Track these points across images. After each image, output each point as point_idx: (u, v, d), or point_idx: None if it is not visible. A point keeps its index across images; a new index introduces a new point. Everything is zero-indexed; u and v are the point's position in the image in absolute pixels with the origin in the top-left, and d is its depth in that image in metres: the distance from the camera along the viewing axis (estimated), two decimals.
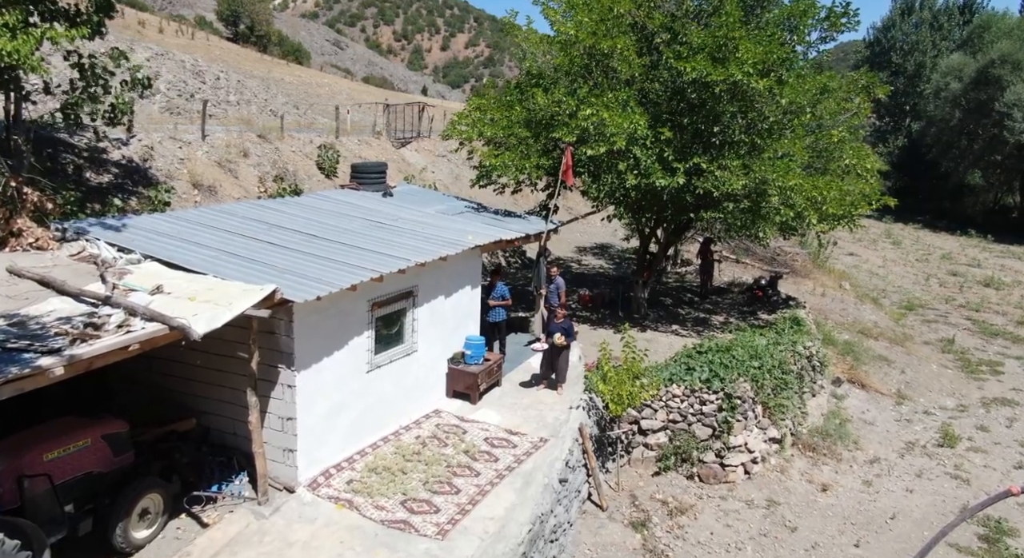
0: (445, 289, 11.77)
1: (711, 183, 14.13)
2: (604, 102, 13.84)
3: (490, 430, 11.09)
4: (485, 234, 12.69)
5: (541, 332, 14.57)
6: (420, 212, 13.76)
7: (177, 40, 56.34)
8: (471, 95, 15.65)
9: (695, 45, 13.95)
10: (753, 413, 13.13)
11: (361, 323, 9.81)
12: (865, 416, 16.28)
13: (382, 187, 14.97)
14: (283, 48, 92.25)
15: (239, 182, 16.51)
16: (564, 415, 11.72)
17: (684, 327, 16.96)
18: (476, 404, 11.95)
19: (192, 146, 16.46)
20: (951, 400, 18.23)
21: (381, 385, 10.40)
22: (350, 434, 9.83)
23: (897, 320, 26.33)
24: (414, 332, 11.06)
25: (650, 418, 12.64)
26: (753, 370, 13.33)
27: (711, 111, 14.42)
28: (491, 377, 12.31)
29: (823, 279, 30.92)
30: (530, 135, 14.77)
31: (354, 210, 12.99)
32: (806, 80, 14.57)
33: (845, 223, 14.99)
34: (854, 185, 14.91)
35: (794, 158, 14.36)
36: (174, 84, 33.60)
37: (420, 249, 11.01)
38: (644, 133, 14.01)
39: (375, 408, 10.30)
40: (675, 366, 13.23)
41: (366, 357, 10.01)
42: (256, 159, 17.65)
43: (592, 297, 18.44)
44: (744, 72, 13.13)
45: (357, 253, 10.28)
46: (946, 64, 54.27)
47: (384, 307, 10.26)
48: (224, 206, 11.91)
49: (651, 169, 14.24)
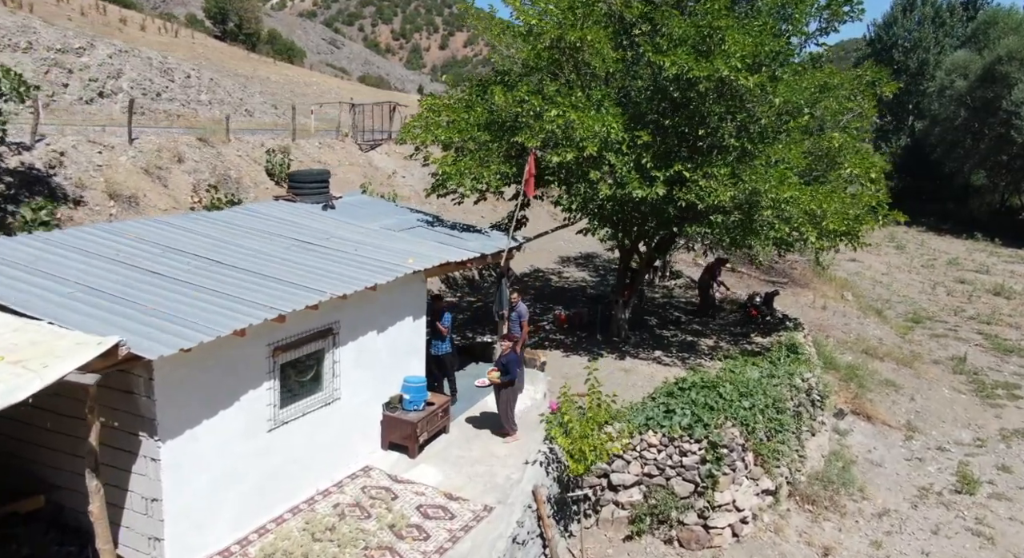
0: (378, 323, 9.96)
1: (694, 194, 12.32)
2: (572, 102, 12.03)
3: (426, 494, 9.28)
4: (431, 256, 10.88)
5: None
6: (361, 228, 11.95)
7: (158, 38, 54.57)
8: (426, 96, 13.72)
9: (676, 37, 12.13)
10: (743, 462, 11.32)
11: (258, 373, 8.00)
12: (872, 455, 14.47)
13: (323, 198, 13.16)
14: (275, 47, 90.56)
15: (168, 191, 14.70)
16: (518, 472, 9.92)
17: (668, 353, 15.15)
18: (415, 458, 10.15)
19: (115, 150, 14.65)
20: (967, 433, 16.42)
21: (290, 444, 8.60)
22: (245, 509, 8.03)
23: (903, 335, 24.53)
24: (335, 377, 9.25)
25: (622, 471, 10.83)
26: (743, 412, 11.51)
27: (696, 112, 12.61)
28: (435, 424, 10.50)
29: (824, 289, 29.14)
30: (490, 139, 12.96)
31: (280, 227, 11.18)
32: (804, 77, 12.75)
33: (848, 241, 13.17)
34: (859, 197, 13.06)
35: (790, 166, 12.55)
36: (138, 82, 31.78)
37: (344, 277, 9.21)
38: (620, 137, 12.22)
39: (281, 473, 8.50)
40: (652, 407, 11.41)
41: (267, 413, 8.20)
42: (193, 165, 15.84)
43: (569, 317, 16.63)
44: (731, 67, 11.32)
45: (261, 285, 8.47)
46: (950, 61, 52.45)
47: (292, 351, 8.45)
48: (117, 224, 10.10)
49: (627, 178, 12.44)
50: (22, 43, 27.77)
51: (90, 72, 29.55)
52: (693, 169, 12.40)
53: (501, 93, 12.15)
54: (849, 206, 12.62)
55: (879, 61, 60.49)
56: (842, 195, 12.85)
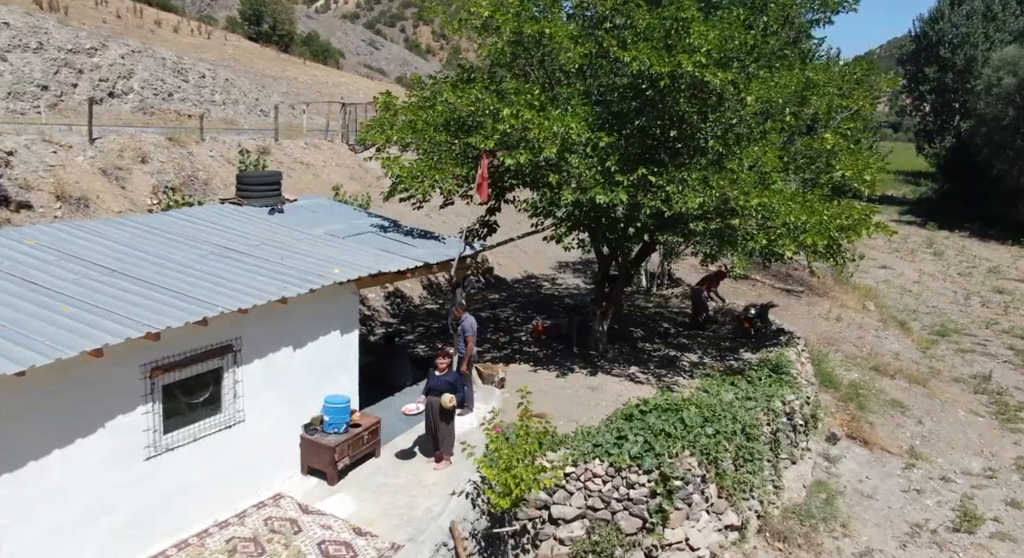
0: (294, 338, 9.25)
1: (659, 200, 11.34)
2: (527, 100, 11.15)
3: (333, 528, 8.53)
4: (363, 266, 10.13)
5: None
6: (301, 235, 11.28)
7: (190, 39, 55.20)
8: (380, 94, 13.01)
9: (640, 30, 11.15)
10: (702, 496, 10.30)
11: (131, 396, 7.34)
12: (863, 486, 13.25)
13: (273, 201, 12.54)
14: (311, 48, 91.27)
15: (126, 193, 14.26)
16: (442, 504, 9.11)
17: (645, 369, 14.14)
18: (334, 485, 9.42)
19: (73, 150, 14.26)
20: (978, 461, 15.03)
21: (178, 472, 7.93)
22: (116, 545, 7.37)
23: (925, 349, 22.95)
24: (237, 397, 8.56)
25: (563, 503, 9.91)
26: (704, 439, 10.50)
27: (665, 112, 11.62)
28: (359, 448, 9.74)
29: (844, 298, 27.59)
30: (446, 139, 12.15)
31: (209, 233, 10.56)
32: (782, 73, 11.63)
33: (829, 257, 12.00)
34: (844, 208, 11.87)
35: (767, 169, 11.46)
36: (149, 82, 31.84)
37: (251, 289, 8.52)
38: (584, 138, 11.29)
39: (167, 504, 7.84)
40: (604, 433, 10.47)
41: (145, 439, 7.55)
42: (158, 165, 15.39)
43: (547, 328, 15.72)
44: (695, 62, 10.29)
45: (146, 297, 7.82)
46: (999, 58, 49.70)
47: (176, 371, 7.78)
48: (22, 229, 9.60)
49: (589, 182, 11.51)
50: (32, 44, 27.86)
51: (101, 72, 29.62)
52: (660, 173, 11.41)
53: (451, 91, 11.33)
54: (834, 217, 11.45)
55: (925, 58, 58.10)
56: (826, 205, 11.68)
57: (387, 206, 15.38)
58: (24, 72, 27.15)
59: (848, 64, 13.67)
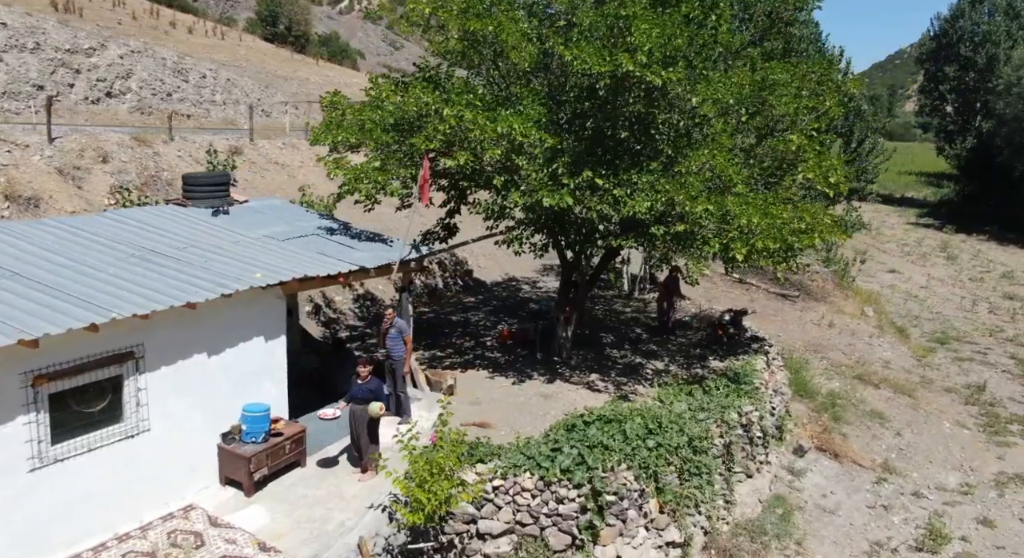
0: (208, 345, 8.99)
1: (607, 204, 10.93)
2: (466, 100, 10.80)
3: (237, 542, 8.26)
4: (292, 270, 9.85)
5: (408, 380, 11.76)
6: (236, 237, 11.04)
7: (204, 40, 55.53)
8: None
9: (584, 27, 10.75)
10: (639, 511, 9.87)
11: (8, 406, 7.10)
12: (826, 501, 12.71)
13: (218, 203, 12.32)
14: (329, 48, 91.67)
15: (82, 193, 14.14)
16: (356, 518, 8.80)
17: (606, 377, 13.73)
18: (251, 496, 9.15)
19: (29, 150, 14.18)
20: (955, 476, 14.39)
21: (70, 484, 7.70)
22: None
23: (921, 357, 22.21)
24: (141, 406, 8.31)
25: (490, 517, 9.54)
26: (645, 452, 10.07)
27: (614, 113, 11.20)
28: (280, 458, 9.47)
29: (842, 304, 26.90)
30: (392, 140, 11.84)
31: (135, 235, 10.35)
32: (736, 73, 11.16)
33: (781, 262, 11.48)
34: (800, 211, 11.37)
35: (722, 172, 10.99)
36: (148, 83, 31.94)
37: (159, 294, 8.27)
38: (533, 139, 10.90)
39: (56, 516, 7.59)
40: (539, 444, 10.09)
41: (28, 450, 7.31)
42: (119, 165, 15.28)
43: (513, 333, 15.36)
44: (636, 62, 9.87)
45: (40, 303, 7.60)
46: (1020, 56, 48.35)
47: (66, 379, 7.54)
48: None
49: (535, 185, 11.14)
50: (29, 44, 28.02)
51: (99, 72, 29.74)
52: (607, 176, 11.00)
53: (388, 89, 11.02)
54: (788, 221, 10.96)
55: (944, 57, 56.65)
56: (782, 208, 11.19)
57: (356, 209, 15.09)
58: (20, 72, 27.27)
59: (808, 64, 13.11)
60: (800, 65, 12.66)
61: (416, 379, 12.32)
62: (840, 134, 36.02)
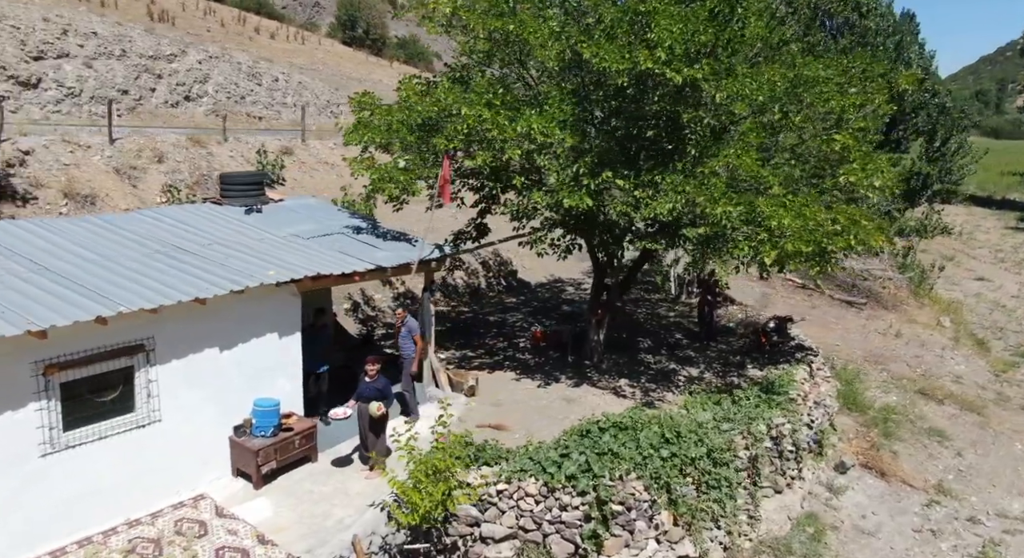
0: (221, 339, 9.24)
1: (628, 206, 10.65)
2: (486, 100, 10.72)
3: (238, 534, 8.45)
4: (306, 267, 10.02)
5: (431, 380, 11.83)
6: (265, 235, 11.33)
7: (284, 45, 57.59)
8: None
9: (606, 24, 10.49)
10: (650, 523, 9.56)
11: (20, 393, 7.49)
12: (865, 522, 11.99)
13: (252, 201, 12.69)
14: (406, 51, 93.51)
15: (136, 192, 14.85)
16: (356, 515, 8.88)
17: (635, 382, 13.39)
18: (259, 489, 9.36)
19: (91, 150, 14.99)
20: (1020, 502, 13.33)
21: (82, 470, 8.04)
22: (12, 540, 7.53)
23: (1000, 372, 20.73)
24: (152, 397, 8.62)
25: (494, 521, 9.44)
26: (657, 462, 9.75)
27: (637, 111, 10.90)
28: (289, 452, 9.64)
29: (915, 313, 25.46)
30: (415, 140, 11.89)
31: (166, 232, 10.76)
32: (770, 69, 10.65)
33: (814, 266, 10.85)
34: (835, 212, 10.74)
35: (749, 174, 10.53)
36: (223, 86, 33.28)
37: (166, 289, 8.56)
38: (554, 139, 10.74)
39: (68, 500, 7.93)
40: (548, 449, 9.91)
41: (40, 436, 7.69)
42: (173, 165, 15.96)
43: (547, 335, 15.19)
44: (654, 59, 9.55)
45: (55, 295, 7.98)
46: None
47: (76, 369, 7.89)
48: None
49: (557, 185, 10.96)
50: (116, 51, 29.62)
51: (178, 77, 31.24)
52: (629, 177, 10.71)
53: (409, 88, 11.07)
54: (822, 223, 10.38)
55: None
56: (816, 210, 10.61)
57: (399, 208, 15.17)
58: (107, 77, 28.87)
59: (850, 58, 12.37)
60: (839, 59, 11.97)
61: (437, 379, 12.34)
62: (922, 132, 34.08)
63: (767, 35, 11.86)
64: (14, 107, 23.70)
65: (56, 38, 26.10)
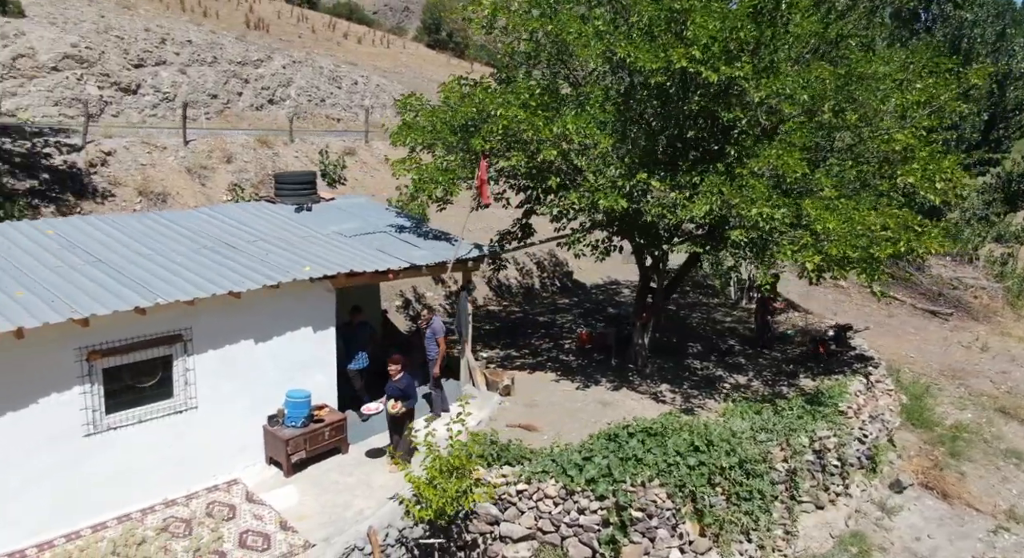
0: (256, 332, 9.65)
1: (664, 207, 10.45)
2: (522, 100, 10.75)
3: (263, 519, 8.82)
4: (342, 264, 10.34)
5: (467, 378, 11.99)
6: (309, 232, 11.75)
7: (370, 49, 59.42)
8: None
9: (644, 23, 10.32)
10: (673, 532, 9.36)
11: (66, 377, 8.05)
12: (919, 545, 11.30)
13: (303, 200, 13.17)
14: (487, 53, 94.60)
15: (205, 190, 15.68)
16: (375, 507, 9.09)
17: (677, 388, 13.10)
18: (289, 477, 9.73)
19: (166, 151, 15.94)
20: None
21: (123, 450, 8.56)
22: (57, 514, 8.09)
23: None
24: (189, 384, 9.10)
25: (513, 521, 9.47)
26: (684, 469, 9.53)
27: (676, 111, 10.67)
28: (318, 443, 9.96)
29: (1010, 325, 23.78)
30: (457, 141, 12.05)
31: (217, 228, 11.30)
32: (818, 66, 10.19)
33: (861, 272, 10.26)
34: (882, 214, 10.16)
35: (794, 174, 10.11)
36: (305, 89, 34.61)
37: (203, 283, 9.02)
38: (591, 139, 10.68)
39: (111, 478, 8.46)
40: (571, 452, 9.86)
41: (84, 417, 8.26)
42: (240, 165, 16.76)
43: (593, 338, 15.07)
44: (688, 57, 9.33)
45: (103, 286, 8.54)
46: None
47: (117, 356, 8.41)
48: (51, 221, 10.86)
49: (592, 186, 10.88)
50: (208, 58, 31.31)
51: (263, 81, 32.74)
52: (665, 178, 10.51)
53: (449, 89, 11.22)
54: (870, 227, 9.87)
55: None
56: (866, 213, 10.09)
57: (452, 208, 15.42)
58: (199, 83, 30.55)
59: (908, 52, 11.65)
60: (897, 54, 11.31)
61: (473, 378, 12.46)
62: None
63: (822, 30, 11.36)
64: (115, 111, 25.49)
65: (155, 47, 27.84)
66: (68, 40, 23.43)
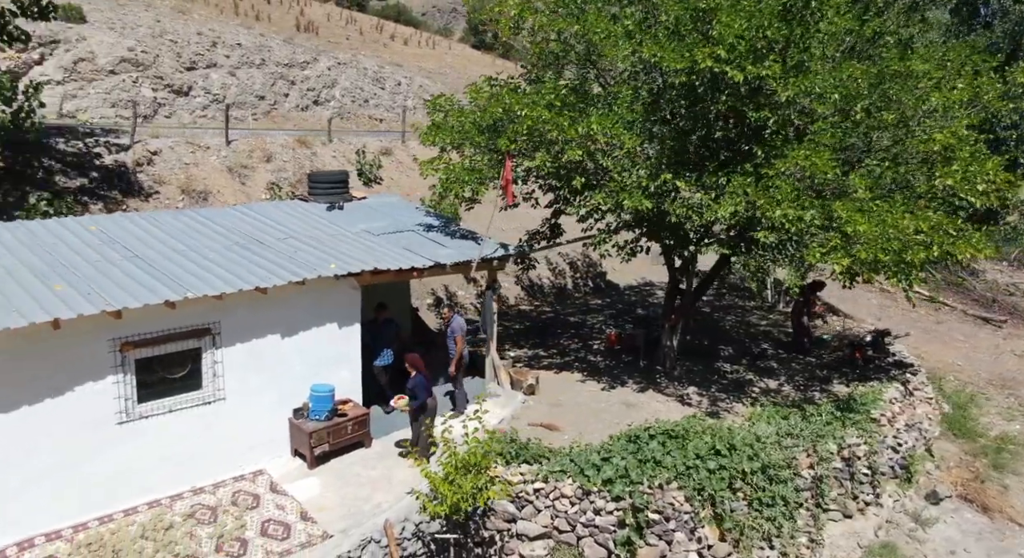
0: (283, 327, 9.91)
1: (689, 208, 10.36)
2: (547, 101, 10.78)
3: (285, 509, 9.06)
4: (365, 262, 10.54)
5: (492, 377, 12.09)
6: (338, 230, 12.01)
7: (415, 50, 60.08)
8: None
9: (671, 23, 10.24)
10: (691, 535, 9.28)
11: (100, 366, 8.41)
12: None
13: (335, 199, 13.45)
14: None
15: (245, 189, 16.13)
16: (392, 501, 9.25)
17: (704, 391, 12.94)
18: (312, 469, 9.96)
19: (209, 151, 16.44)
20: None
21: (155, 438, 8.91)
22: (92, 499, 8.46)
23: None
24: (217, 377, 9.40)
25: (529, 519, 9.51)
26: (704, 473, 9.43)
27: (702, 111, 10.56)
28: (341, 436, 10.17)
29: None
30: (484, 141, 12.14)
31: (250, 226, 11.63)
32: (848, 64, 9.95)
33: (892, 276, 9.94)
34: (917, 217, 9.85)
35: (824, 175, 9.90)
36: (349, 91, 35.21)
37: (232, 278, 9.31)
38: (618, 140, 10.66)
39: (142, 465, 8.80)
40: (590, 452, 9.85)
41: (117, 405, 8.61)
42: (280, 165, 17.18)
43: (622, 339, 15.00)
44: (713, 56, 9.23)
45: (137, 280, 8.89)
46: None
47: (149, 348, 8.74)
48: (94, 218, 11.33)
49: (617, 186, 10.85)
50: (256, 60, 32.11)
51: (309, 82, 33.44)
52: (690, 179, 10.42)
53: (477, 89, 11.32)
54: (903, 230, 9.60)
55: None
56: (900, 216, 9.81)
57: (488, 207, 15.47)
58: (247, 84, 31.35)
59: (945, 50, 11.26)
60: (936, 52, 10.96)
61: (498, 377, 12.53)
62: None
63: (858, 27, 11.10)
64: (168, 112, 26.36)
65: (207, 50, 28.69)
66: (125, 44, 24.33)
